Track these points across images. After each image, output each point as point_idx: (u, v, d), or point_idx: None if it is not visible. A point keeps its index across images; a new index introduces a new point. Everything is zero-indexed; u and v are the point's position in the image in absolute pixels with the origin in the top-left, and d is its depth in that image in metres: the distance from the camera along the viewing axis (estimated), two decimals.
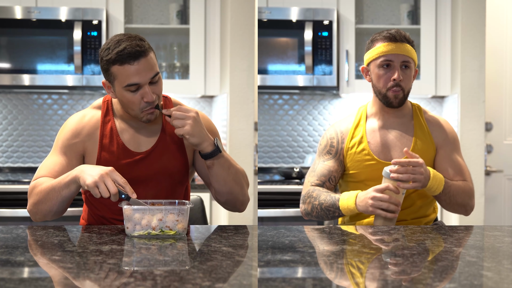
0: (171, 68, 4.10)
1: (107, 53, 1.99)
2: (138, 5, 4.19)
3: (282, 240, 1.81)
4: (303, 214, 2.37)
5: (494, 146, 4.46)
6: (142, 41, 2.01)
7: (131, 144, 2.13)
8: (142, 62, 1.97)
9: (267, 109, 4.30)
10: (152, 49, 2.04)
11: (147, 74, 1.99)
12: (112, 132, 2.13)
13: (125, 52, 1.96)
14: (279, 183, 3.73)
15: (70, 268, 1.45)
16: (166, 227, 1.83)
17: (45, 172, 2.06)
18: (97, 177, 1.84)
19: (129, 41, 1.98)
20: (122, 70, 1.98)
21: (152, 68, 2.00)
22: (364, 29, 4.08)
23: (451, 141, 2.38)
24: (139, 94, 2.01)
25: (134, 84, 1.99)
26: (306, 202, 2.33)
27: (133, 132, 2.14)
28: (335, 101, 4.29)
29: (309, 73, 3.88)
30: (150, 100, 2.01)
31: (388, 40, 2.29)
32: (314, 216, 2.32)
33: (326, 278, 1.42)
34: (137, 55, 1.97)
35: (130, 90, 2.00)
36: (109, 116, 2.15)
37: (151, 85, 2.02)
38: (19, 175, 3.95)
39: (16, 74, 3.79)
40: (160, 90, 2.05)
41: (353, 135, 2.36)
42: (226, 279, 1.36)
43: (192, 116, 1.99)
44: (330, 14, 3.90)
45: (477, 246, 1.76)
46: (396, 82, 2.28)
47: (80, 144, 2.12)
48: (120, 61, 1.97)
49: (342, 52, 3.95)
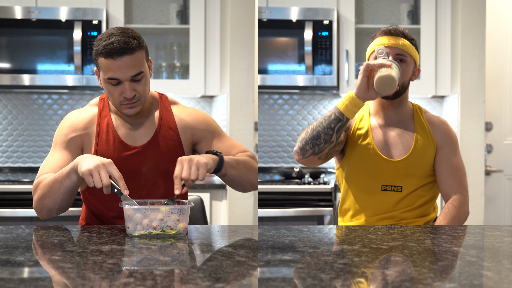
0: (171, 68, 4.10)
1: (97, 43, 2.05)
2: (138, 5, 4.19)
3: (282, 240, 1.81)
4: (296, 151, 2.23)
5: (494, 146, 4.46)
6: (132, 38, 2.04)
7: (127, 138, 2.16)
8: (125, 59, 2.01)
9: (267, 109, 4.30)
10: (142, 48, 2.07)
11: (127, 72, 2.02)
12: (108, 127, 2.16)
13: (111, 46, 2.01)
14: (279, 183, 3.73)
15: (70, 268, 1.45)
16: (167, 227, 1.83)
17: (47, 170, 2.08)
18: (93, 166, 1.85)
19: (119, 36, 2.02)
20: (106, 63, 2.03)
21: (135, 67, 2.03)
22: (364, 29, 4.08)
23: (450, 142, 2.38)
24: (119, 89, 2.06)
25: (114, 78, 2.03)
26: (300, 137, 2.23)
27: (129, 127, 2.18)
28: (335, 101, 4.29)
29: (309, 73, 3.88)
30: (127, 97, 2.05)
31: (384, 34, 2.33)
32: (309, 139, 2.17)
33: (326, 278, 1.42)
34: (121, 52, 2.00)
35: (111, 83, 2.06)
36: (106, 112, 2.19)
37: (132, 83, 2.05)
38: (19, 175, 3.95)
39: (16, 74, 3.79)
40: (142, 89, 2.08)
41: (359, 126, 2.37)
42: (226, 279, 1.36)
43: (188, 161, 1.93)
44: (330, 14, 3.90)
45: (477, 246, 1.76)
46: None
47: (78, 138, 2.15)
48: (105, 54, 2.02)
49: (342, 52, 3.95)
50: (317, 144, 2.20)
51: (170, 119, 2.21)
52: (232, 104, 3.79)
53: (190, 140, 2.22)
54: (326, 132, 2.18)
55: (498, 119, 4.45)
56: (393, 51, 2.30)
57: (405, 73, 2.32)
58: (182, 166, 1.92)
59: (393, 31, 2.32)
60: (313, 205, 3.64)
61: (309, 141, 2.20)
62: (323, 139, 2.19)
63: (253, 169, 2.16)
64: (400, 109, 2.38)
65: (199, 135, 2.23)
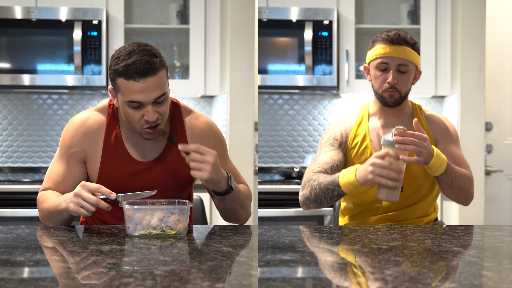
0: (171, 68, 4.10)
1: (115, 62, 1.91)
2: (138, 5, 4.19)
3: (282, 240, 1.81)
4: (301, 203, 2.28)
5: (494, 146, 4.46)
6: (154, 56, 1.90)
7: (135, 153, 2.08)
8: (149, 80, 1.88)
9: (267, 109, 4.30)
10: (164, 66, 1.94)
11: (151, 94, 1.90)
12: (116, 140, 2.06)
13: (132, 67, 1.87)
14: (279, 183, 3.73)
15: (70, 268, 1.45)
16: (167, 227, 1.83)
17: (50, 184, 2.09)
18: (74, 198, 1.86)
19: (140, 55, 1.88)
20: (127, 85, 1.89)
21: (158, 88, 1.90)
22: (364, 29, 4.08)
23: (449, 134, 2.37)
24: (140, 112, 1.93)
25: (136, 101, 1.91)
26: (305, 186, 2.24)
27: (139, 140, 2.08)
28: (335, 101, 4.29)
29: (309, 73, 3.88)
30: (151, 120, 1.93)
31: (385, 42, 2.28)
32: (313, 201, 2.21)
33: (326, 278, 1.42)
34: (144, 73, 1.87)
35: (132, 107, 1.93)
36: (114, 122, 2.08)
37: (155, 105, 1.93)
38: (19, 175, 3.95)
39: (16, 74, 3.79)
40: (164, 110, 1.96)
41: (356, 132, 2.36)
42: (226, 279, 1.36)
43: (210, 161, 1.90)
44: (330, 14, 3.90)
45: (477, 246, 1.76)
46: (391, 84, 2.28)
47: (81, 153, 2.08)
48: (126, 75, 1.88)
49: (342, 52, 3.95)
50: (321, 205, 2.24)
51: (180, 133, 2.11)
52: (232, 104, 3.79)
53: None
54: (329, 202, 2.21)
55: (498, 119, 4.45)
56: (395, 61, 2.27)
57: (406, 81, 2.30)
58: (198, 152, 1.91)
59: (395, 40, 2.27)
60: None
61: (313, 202, 2.23)
62: (326, 204, 2.23)
63: (245, 206, 2.14)
64: (400, 111, 2.37)
65: None
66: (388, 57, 2.27)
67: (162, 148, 2.09)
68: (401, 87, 2.29)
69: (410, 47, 2.29)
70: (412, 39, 2.31)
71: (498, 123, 4.46)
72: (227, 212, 2.11)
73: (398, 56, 2.26)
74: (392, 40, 2.27)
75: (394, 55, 2.26)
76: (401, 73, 2.29)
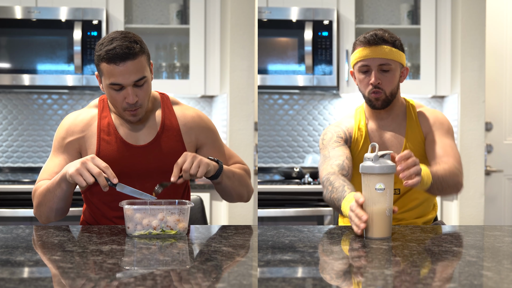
0: (171, 68, 4.10)
1: (99, 48, 2.04)
2: (138, 5, 4.19)
3: (282, 240, 1.81)
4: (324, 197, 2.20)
5: (494, 146, 4.46)
6: (135, 43, 2.03)
7: (129, 138, 2.16)
8: (128, 64, 2.01)
9: (267, 109, 4.30)
10: (144, 52, 2.06)
11: (130, 77, 2.02)
12: (109, 127, 2.16)
13: (113, 52, 2.00)
14: (279, 183, 3.73)
15: (70, 268, 1.45)
16: (167, 227, 1.83)
17: (46, 176, 2.12)
18: (79, 165, 1.89)
19: (121, 41, 2.01)
20: (108, 69, 2.02)
21: (138, 72, 2.03)
22: (364, 29, 4.07)
23: (438, 125, 2.35)
24: (122, 94, 2.05)
25: (117, 84, 2.03)
26: (324, 186, 2.18)
27: (131, 127, 2.17)
28: (335, 101, 4.30)
29: (309, 73, 3.88)
30: (130, 102, 2.05)
31: (363, 44, 2.27)
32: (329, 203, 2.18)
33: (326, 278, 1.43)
34: (124, 57, 2.00)
35: (114, 89, 2.05)
36: (106, 112, 2.18)
37: (135, 88, 2.05)
38: (19, 175, 3.95)
39: (16, 74, 3.79)
40: (144, 93, 2.07)
41: (357, 133, 2.36)
42: (226, 279, 1.36)
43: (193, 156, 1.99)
44: (330, 14, 3.90)
45: (477, 246, 1.76)
46: (374, 85, 2.28)
47: (75, 142, 2.15)
48: (108, 60, 2.01)
49: (342, 52, 3.95)
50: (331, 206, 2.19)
51: (172, 119, 2.21)
52: (232, 104, 3.79)
53: (194, 143, 2.23)
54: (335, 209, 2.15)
55: (498, 119, 4.45)
56: (375, 62, 2.25)
57: (390, 81, 2.28)
58: (185, 159, 1.98)
59: (372, 41, 2.25)
60: (313, 205, 3.64)
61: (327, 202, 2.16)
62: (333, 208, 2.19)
63: (246, 183, 2.24)
64: (392, 110, 2.37)
65: (202, 141, 2.24)
66: (368, 59, 2.26)
67: (155, 133, 2.17)
68: (385, 87, 2.28)
69: (390, 45, 2.27)
70: (391, 37, 2.28)
71: (498, 123, 4.46)
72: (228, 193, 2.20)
73: (378, 56, 2.25)
74: (369, 41, 2.26)
75: (373, 56, 2.26)
76: (384, 72, 2.28)
